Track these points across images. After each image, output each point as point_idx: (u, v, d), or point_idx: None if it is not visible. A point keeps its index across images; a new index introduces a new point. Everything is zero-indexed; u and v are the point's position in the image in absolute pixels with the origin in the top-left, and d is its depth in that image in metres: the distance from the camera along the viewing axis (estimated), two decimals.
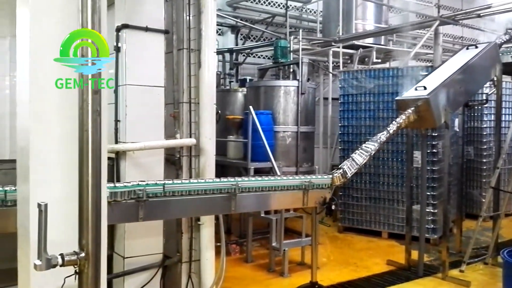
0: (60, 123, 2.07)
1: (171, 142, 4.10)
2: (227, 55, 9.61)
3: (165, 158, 4.15)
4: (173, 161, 4.30)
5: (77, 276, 1.85)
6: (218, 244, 4.35)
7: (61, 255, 1.80)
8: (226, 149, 6.85)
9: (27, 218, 2.04)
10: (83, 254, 1.83)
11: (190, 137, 4.30)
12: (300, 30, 8.25)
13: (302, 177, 4.16)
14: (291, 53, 7.80)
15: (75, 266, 1.84)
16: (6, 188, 2.94)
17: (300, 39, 7.83)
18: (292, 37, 8.15)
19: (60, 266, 1.79)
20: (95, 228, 1.83)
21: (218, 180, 3.79)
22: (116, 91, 3.97)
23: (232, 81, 9.27)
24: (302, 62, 6.99)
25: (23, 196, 2.18)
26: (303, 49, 7.93)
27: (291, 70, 7.46)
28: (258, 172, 6.15)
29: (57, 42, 2.02)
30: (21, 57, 2.25)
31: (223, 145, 6.70)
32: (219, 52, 8.90)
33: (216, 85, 4.37)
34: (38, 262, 1.74)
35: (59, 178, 2.03)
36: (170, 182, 3.53)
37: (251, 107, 6.17)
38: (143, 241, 3.91)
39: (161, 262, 4.01)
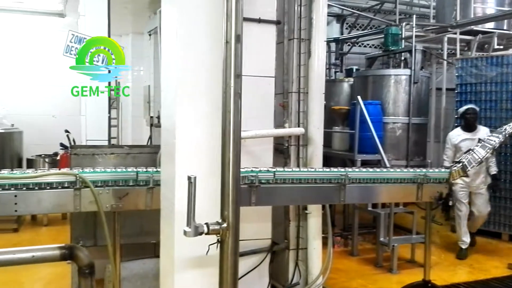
0: (204, 106, 2.25)
1: (281, 131, 4.16)
2: (332, 45, 9.45)
3: (273, 147, 4.22)
4: (281, 150, 4.36)
5: (218, 245, 1.99)
6: (323, 235, 4.34)
7: (206, 224, 1.94)
8: (331, 140, 6.77)
9: (172, 192, 2.24)
10: (225, 225, 1.95)
11: (299, 126, 4.32)
12: (414, 16, 7.81)
13: (417, 170, 3.96)
14: (402, 41, 7.43)
15: (218, 235, 1.97)
16: (137, 170, 3.25)
17: (414, 25, 7.41)
18: (404, 24, 7.76)
19: (205, 234, 1.94)
20: (235, 202, 1.96)
21: (327, 169, 3.76)
22: None
23: (337, 71, 9.12)
24: (415, 50, 6.63)
25: (168, 172, 2.40)
26: (415, 36, 7.50)
27: (402, 58, 7.12)
28: (365, 164, 5.99)
29: (205, 30, 2.17)
30: (167, 44, 2.43)
31: (328, 136, 6.59)
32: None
33: None
34: (187, 229, 1.89)
35: (202, 156, 2.23)
36: (281, 170, 3.59)
37: (359, 97, 6.01)
38: (253, 225, 4.01)
39: (269, 248, 4.10)
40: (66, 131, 6.64)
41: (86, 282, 1.41)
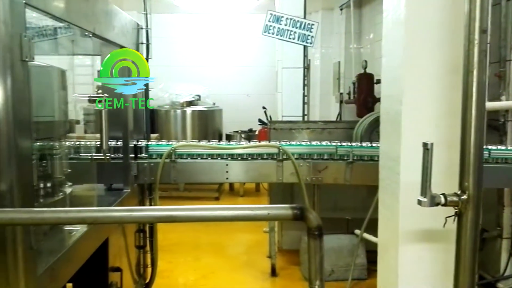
0: (434, 68, 2.13)
1: (497, 104, 3.68)
2: None
3: (486, 123, 3.75)
4: (495, 126, 3.85)
5: (455, 218, 1.86)
6: None
7: (443, 194, 1.82)
8: None
9: (397, 162, 2.17)
10: (464, 196, 1.81)
11: None
12: None
13: None
14: None
15: (456, 207, 1.83)
16: (336, 144, 3.26)
17: None
18: None
19: (442, 205, 1.82)
20: (477, 171, 1.79)
21: None
22: None
23: None
24: None
25: (391, 141, 2.33)
26: None
27: None
28: None
29: None
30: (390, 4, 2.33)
31: None
32: None
33: None
34: (422, 199, 1.80)
35: (431, 123, 2.12)
36: (494, 148, 3.25)
37: None
38: None
39: None
40: (263, 107, 7.09)
41: (315, 243, 1.42)
